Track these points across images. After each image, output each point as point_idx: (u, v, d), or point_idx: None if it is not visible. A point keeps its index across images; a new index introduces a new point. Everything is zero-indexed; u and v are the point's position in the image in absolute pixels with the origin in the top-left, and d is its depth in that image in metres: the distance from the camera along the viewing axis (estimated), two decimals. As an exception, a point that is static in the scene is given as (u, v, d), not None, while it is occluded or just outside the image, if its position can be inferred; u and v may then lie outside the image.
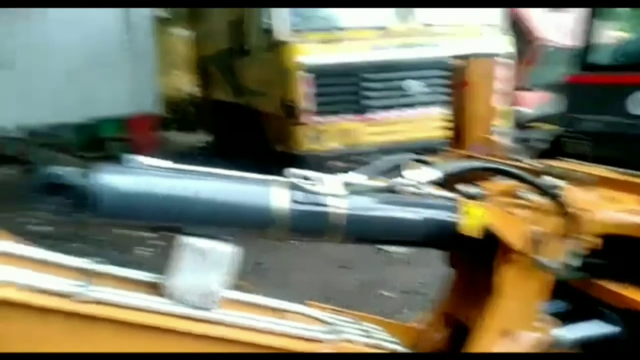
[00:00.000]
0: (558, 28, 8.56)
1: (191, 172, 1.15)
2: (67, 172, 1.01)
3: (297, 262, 4.65)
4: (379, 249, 4.73)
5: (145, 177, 1.07)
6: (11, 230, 1.13)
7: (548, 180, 1.36)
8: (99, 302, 0.97)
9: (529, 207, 1.33)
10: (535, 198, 1.35)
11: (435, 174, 1.18)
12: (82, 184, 1.00)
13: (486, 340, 1.28)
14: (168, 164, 1.16)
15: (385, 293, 3.91)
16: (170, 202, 1.06)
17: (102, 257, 1.14)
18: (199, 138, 12.32)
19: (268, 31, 5.86)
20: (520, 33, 8.60)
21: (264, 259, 4.50)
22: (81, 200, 1.00)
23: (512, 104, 7.77)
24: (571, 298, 1.52)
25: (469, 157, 1.92)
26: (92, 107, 9.16)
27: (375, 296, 3.78)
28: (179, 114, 14.94)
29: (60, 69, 9.31)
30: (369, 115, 5.87)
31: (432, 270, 4.12)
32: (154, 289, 1.11)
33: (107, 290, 1.01)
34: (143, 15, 10.36)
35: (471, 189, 1.33)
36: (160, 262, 1.19)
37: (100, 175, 1.01)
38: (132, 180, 1.05)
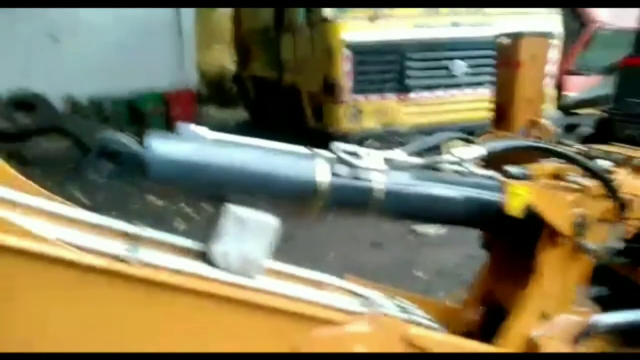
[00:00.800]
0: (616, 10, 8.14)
1: (240, 143, 1.18)
2: (122, 138, 1.05)
3: (329, 238, 4.67)
4: (413, 230, 4.70)
5: (197, 145, 1.10)
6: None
7: (599, 163, 1.32)
8: (147, 265, 1.00)
9: (576, 190, 1.30)
10: (583, 181, 1.32)
11: (479, 151, 1.16)
12: (136, 149, 1.03)
13: (524, 323, 1.27)
14: (219, 134, 1.19)
15: (418, 273, 3.88)
16: (219, 171, 1.09)
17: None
18: (238, 114, 12.44)
19: (314, 7, 5.80)
20: (575, 14, 8.22)
21: (296, 233, 4.53)
22: (135, 166, 1.04)
23: (560, 88, 7.49)
24: (613, 283, 1.49)
25: (513, 138, 1.88)
26: (134, 81, 9.34)
27: (408, 276, 3.76)
28: (219, 89, 15.09)
29: (106, 43, 9.53)
30: (411, 95, 5.77)
31: (467, 251, 4.08)
32: (197, 255, 1.14)
33: (154, 255, 1.04)
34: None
35: (517, 169, 1.31)
36: (194, 235, 1.23)
37: (154, 142, 1.04)
38: (184, 148, 1.08)
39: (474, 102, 5.82)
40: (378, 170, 1.16)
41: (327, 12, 5.63)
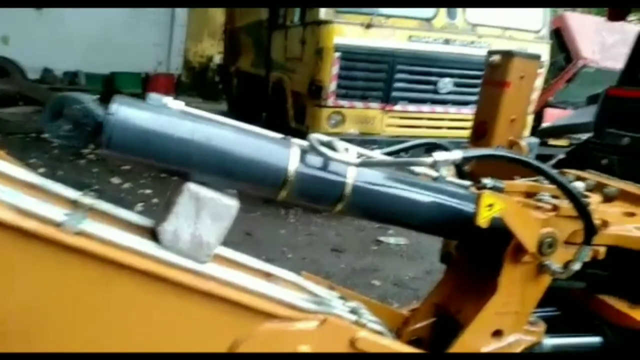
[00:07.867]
0: (602, 48, 8.34)
1: (212, 119, 1.10)
2: (85, 99, 0.96)
3: (289, 240, 4.60)
4: (376, 239, 4.68)
5: (164, 116, 1.00)
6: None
7: (575, 185, 1.30)
8: (88, 236, 0.92)
9: (547, 209, 1.27)
10: (555, 201, 1.29)
11: (455, 155, 1.11)
12: (98, 112, 0.95)
13: (477, 338, 1.24)
14: (194, 109, 1.11)
15: (375, 282, 3.85)
16: (185, 146, 0.99)
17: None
18: (218, 107, 12.30)
19: (311, 8, 5.75)
20: (563, 49, 8.40)
21: (254, 230, 4.45)
22: (95, 130, 0.94)
23: (539, 118, 7.60)
24: (566, 306, 1.49)
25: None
26: (116, 60, 9.13)
27: (364, 284, 3.73)
28: (202, 80, 14.93)
29: (94, 18, 9.32)
30: (395, 106, 5.77)
31: (425, 266, 4.10)
32: (147, 233, 1.06)
33: (98, 226, 0.96)
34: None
35: (490, 181, 1.27)
36: (151, 217, 1.15)
37: (118, 107, 0.95)
38: (150, 117, 0.98)
39: (457, 121, 5.85)
40: (350, 164, 1.11)
41: (323, 14, 5.59)
